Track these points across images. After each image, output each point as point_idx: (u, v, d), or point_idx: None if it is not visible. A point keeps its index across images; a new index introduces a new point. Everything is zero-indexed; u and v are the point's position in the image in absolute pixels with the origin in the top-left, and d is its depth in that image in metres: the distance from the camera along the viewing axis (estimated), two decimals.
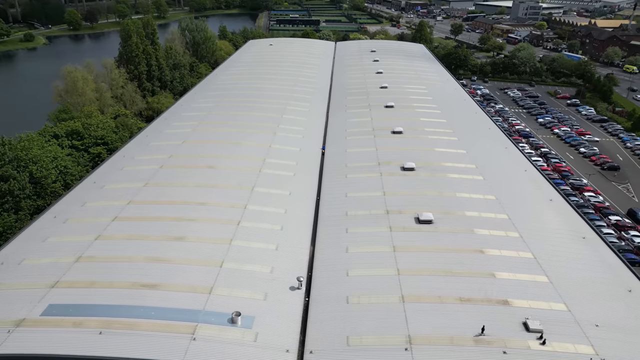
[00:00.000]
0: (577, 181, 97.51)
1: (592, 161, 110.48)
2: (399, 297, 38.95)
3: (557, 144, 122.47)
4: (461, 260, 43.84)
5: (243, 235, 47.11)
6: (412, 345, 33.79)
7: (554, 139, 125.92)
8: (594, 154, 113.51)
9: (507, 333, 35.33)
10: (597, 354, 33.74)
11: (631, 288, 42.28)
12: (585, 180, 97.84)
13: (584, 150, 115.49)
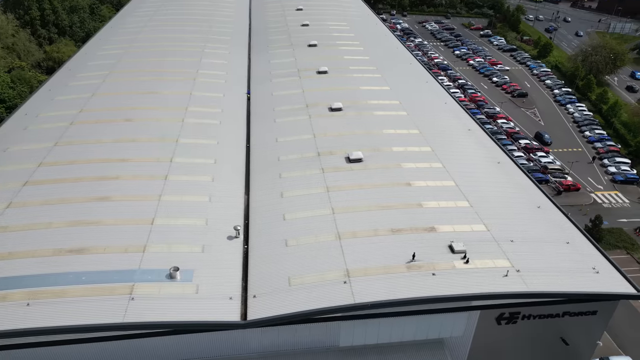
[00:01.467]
0: (491, 109, 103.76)
1: (503, 89, 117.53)
2: (335, 234, 40.29)
3: (472, 75, 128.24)
4: (391, 194, 45.83)
5: (172, 190, 45.52)
6: (351, 278, 35.53)
7: (470, 70, 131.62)
8: (505, 82, 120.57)
9: (435, 257, 38.16)
10: (513, 266, 37.63)
11: (540, 204, 46.93)
12: (498, 108, 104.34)
13: (496, 80, 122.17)
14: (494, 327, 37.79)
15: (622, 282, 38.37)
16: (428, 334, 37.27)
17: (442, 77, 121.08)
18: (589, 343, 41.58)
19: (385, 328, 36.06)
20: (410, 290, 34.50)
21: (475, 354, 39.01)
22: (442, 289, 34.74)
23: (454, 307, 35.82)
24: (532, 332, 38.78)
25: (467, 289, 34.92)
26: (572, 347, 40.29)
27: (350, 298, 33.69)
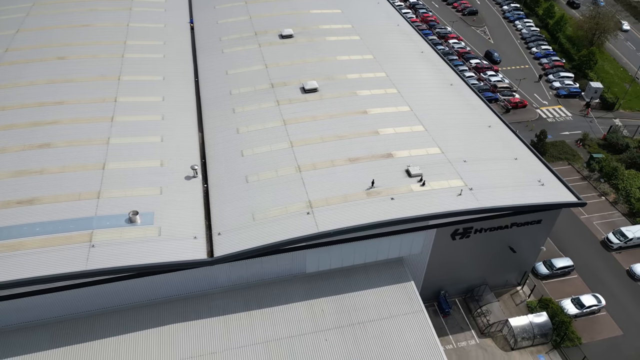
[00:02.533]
0: (443, 29, 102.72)
1: (454, 8, 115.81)
2: (295, 167, 40.31)
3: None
4: (347, 123, 45.74)
5: (121, 132, 43.38)
6: (313, 209, 36.18)
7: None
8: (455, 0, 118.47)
9: (393, 182, 39.23)
10: (466, 185, 39.39)
11: (490, 124, 48.43)
12: (450, 28, 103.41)
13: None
14: (449, 243, 40.24)
15: (565, 191, 41.19)
16: (389, 254, 39.24)
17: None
18: (534, 249, 45.36)
19: (349, 252, 37.60)
20: (371, 215, 35.67)
21: (432, 268, 41.75)
22: (400, 212, 36.11)
23: (413, 228, 37.57)
24: (483, 244, 41.64)
25: (424, 210, 36.48)
26: (519, 254, 43.84)
27: (314, 228, 34.52)
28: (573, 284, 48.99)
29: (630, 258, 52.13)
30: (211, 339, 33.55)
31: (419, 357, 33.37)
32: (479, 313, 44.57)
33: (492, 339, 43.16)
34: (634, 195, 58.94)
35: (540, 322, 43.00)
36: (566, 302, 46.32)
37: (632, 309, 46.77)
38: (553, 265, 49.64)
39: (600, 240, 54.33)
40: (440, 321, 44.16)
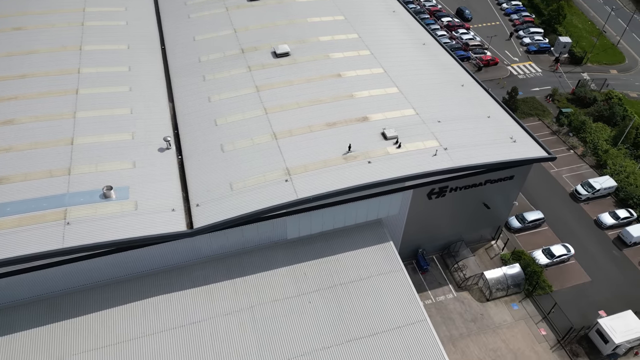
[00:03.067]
0: None
1: None
2: (271, 134, 39.91)
3: None
4: (322, 87, 45.22)
5: (87, 105, 41.86)
6: (292, 176, 36.14)
7: None
8: None
9: (370, 145, 39.37)
10: (441, 145, 39.86)
11: (463, 83, 48.66)
12: None
13: None
14: (425, 202, 41.05)
15: (536, 147, 42.19)
16: (367, 216, 39.83)
17: None
18: (507, 204, 46.78)
19: (329, 217, 38.00)
20: (349, 180, 35.89)
21: (410, 227, 42.71)
22: (377, 175, 36.43)
23: (390, 190, 38.06)
24: (458, 202, 42.66)
25: (400, 172, 36.88)
26: (493, 210, 45.17)
27: (293, 195, 34.58)
28: (544, 236, 51.00)
29: (597, 208, 54.38)
30: (196, 308, 33.88)
31: (399, 313, 34.56)
32: (456, 268, 46.18)
33: (469, 292, 44.96)
34: (600, 148, 60.87)
35: (514, 273, 44.89)
36: (537, 253, 48.31)
37: (599, 257, 49.20)
38: (525, 218, 51.41)
39: (569, 192, 56.33)
40: (419, 278, 45.63)
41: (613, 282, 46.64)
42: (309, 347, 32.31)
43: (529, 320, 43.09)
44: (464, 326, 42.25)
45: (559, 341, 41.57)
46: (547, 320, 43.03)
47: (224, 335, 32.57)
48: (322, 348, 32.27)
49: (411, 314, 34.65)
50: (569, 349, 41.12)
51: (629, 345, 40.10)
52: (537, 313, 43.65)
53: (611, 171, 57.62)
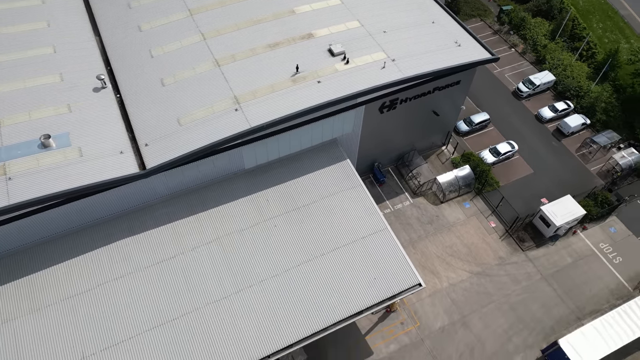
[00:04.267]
0: None
1: None
2: (213, 62, 37.88)
3: None
4: (260, 4, 42.57)
5: (3, 47, 37.69)
6: (241, 104, 35.01)
7: None
8: None
9: (317, 64, 38.32)
10: (388, 56, 39.41)
11: None
12: None
13: None
14: (378, 117, 41.39)
15: (480, 49, 42.54)
16: (323, 137, 39.88)
17: None
18: (455, 109, 48.00)
19: (284, 142, 37.72)
20: (300, 102, 35.26)
21: (365, 143, 43.37)
22: (328, 94, 35.93)
23: (342, 108, 37.86)
24: (409, 112, 43.27)
25: (351, 88, 36.50)
26: (442, 116, 46.29)
27: (245, 124, 33.77)
28: (490, 136, 53.34)
29: (538, 103, 56.88)
30: (163, 246, 33.92)
31: (361, 225, 36.13)
32: (411, 176, 48.05)
33: (424, 197, 47.31)
34: (540, 43, 62.24)
35: (464, 174, 47.30)
36: (485, 153, 50.77)
37: (540, 149, 52.37)
38: (472, 121, 53.20)
39: (511, 90, 58.24)
40: (377, 190, 47.30)
41: (553, 172, 50.26)
42: (280, 267, 33.60)
43: (479, 216, 46.36)
44: (422, 229, 44.98)
45: (506, 230, 45.30)
46: (496, 214, 46.43)
47: (195, 268, 33.14)
48: (293, 267, 33.66)
49: (372, 225, 36.31)
50: (515, 236, 45.00)
51: (567, 226, 44.30)
52: (487, 208, 46.90)
53: (550, 66, 59.55)
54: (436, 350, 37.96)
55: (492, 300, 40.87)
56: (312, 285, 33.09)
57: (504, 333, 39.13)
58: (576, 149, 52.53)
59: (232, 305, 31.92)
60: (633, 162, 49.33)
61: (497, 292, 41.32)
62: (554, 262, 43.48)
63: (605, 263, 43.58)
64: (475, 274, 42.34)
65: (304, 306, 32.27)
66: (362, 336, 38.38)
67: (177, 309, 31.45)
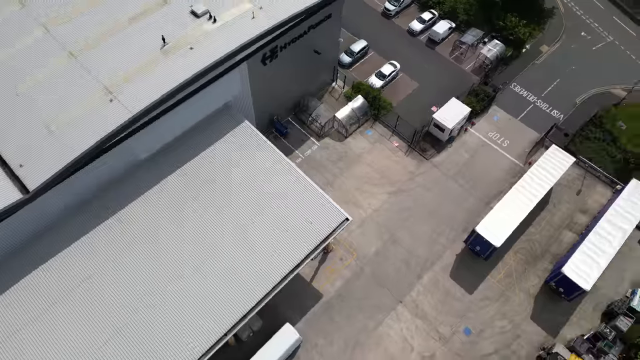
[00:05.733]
0: None
1: None
2: (67, 54, 33.80)
3: None
4: None
5: None
6: (114, 93, 31.98)
7: None
8: None
9: (184, 29, 35.87)
10: (255, 5, 37.85)
11: None
12: None
13: None
14: (262, 69, 40.36)
15: None
16: (214, 105, 38.21)
17: None
18: (334, 43, 48.31)
19: (175, 120, 35.46)
20: (178, 74, 33.05)
21: (258, 99, 42.44)
22: (205, 59, 34.02)
23: (224, 70, 36.27)
24: (292, 58, 42.71)
25: (226, 47, 34.86)
26: (324, 53, 46.43)
27: (125, 113, 31.15)
28: (373, 61, 54.79)
29: (407, 18, 58.97)
30: (78, 267, 31.37)
31: (277, 181, 36.12)
32: (311, 121, 48.39)
33: (329, 137, 48.20)
34: None
35: (359, 105, 48.62)
36: (372, 79, 52.31)
37: (419, 61, 55.02)
38: (353, 51, 54.06)
39: (381, 12, 59.62)
40: (284, 142, 47.20)
41: (435, 80, 53.43)
42: (213, 248, 32.85)
43: (382, 140, 48.50)
44: (335, 167, 46.19)
45: (409, 146, 48.07)
46: (396, 133, 48.84)
47: (122, 276, 31.30)
48: (226, 243, 33.10)
49: (288, 177, 36.46)
50: (418, 148, 47.99)
51: (459, 126, 48.06)
52: (387, 131, 49.09)
53: None
54: (376, 273, 40.48)
55: (412, 212, 43.93)
56: (249, 254, 32.98)
57: (429, 238, 42.61)
58: (449, 53, 56.00)
59: (173, 296, 30.99)
60: (498, 52, 53.91)
61: (415, 204, 44.43)
62: (455, 162, 47.38)
63: (496, 149, 48.39)
64: (392, 194, 44.92)
65: (248, 275, 32.27)
66: (307, 283, 39.64)
67: (112, 324, 29.86)
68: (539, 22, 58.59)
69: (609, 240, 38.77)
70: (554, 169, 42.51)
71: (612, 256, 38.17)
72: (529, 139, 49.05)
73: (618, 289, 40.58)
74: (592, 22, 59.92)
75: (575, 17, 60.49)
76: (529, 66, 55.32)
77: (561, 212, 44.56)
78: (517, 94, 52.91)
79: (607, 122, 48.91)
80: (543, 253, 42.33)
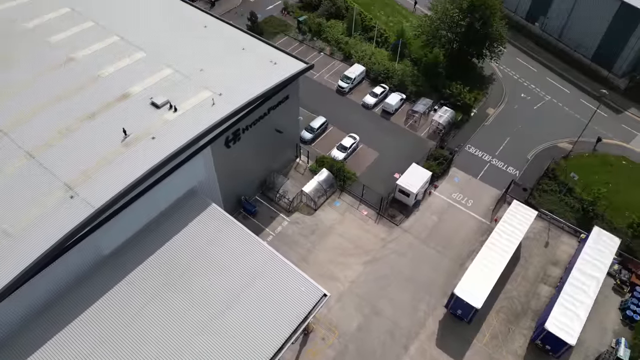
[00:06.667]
0: None
1: None
2: (25, 154, 33.09)
3: None
4: (60, 78, 38.77)
5: None
6: (75, 189, 31.17)
7: None
8: None
9: (145, 121, 36.24)
10: (214, 92, 39.06)
11: (205, 24, 47.41)
12: None
13: None
14: (226, 152, 40.81)
15: (295, 62, 44.89)
16: (179, 191, 37.77)
17: None
18: (294, 122, 49.88)
19: (139, 211, 34.58)
20: (141, 165, 32.79)
21: (224, 181, 42.39)
22: (167, 147, 34.13)
23: (188, 156, 36.38)
24: (255, 139, 43.58)
25: (188, 134, 35.24)
26: (286, 132, 47.69)
27: (87, 208, 30.17)
28: (333, 135, 56.54)
29: (360, 94, 62.06)
30: None
31: (251, 261, 35.16)
32: (279, 197, 48.43)
33: (299, 211, 48.15)
34: (341, 42, 68.15)
35: (324, 177, 49.36)
36: (334, 152, 53.68)
37: (377, 132, 57.26)
38: (313, 127, 55.81)
39: (335, 89, 62.64)
40: (253, 221, 46.65)
41: (394, 147, 55.39)
42: (186, 338, 30.79)
43: (351, 209, 48.86)
44: (307, 241, 45.69)
45: (378, 213, 48.56)
46: (364, 202, 49.43)
47: None
48: (199, 332, 31.16)
49: (260, 257, 35.60)
50: (386, 214, 48.52)
51: (422, 190, 49.29)
52: (355, 200, 49.66)
53: (357, 59, 65.57)
54: (361, 350, 38.83)
55: (389, 280, 43.36)
56: (225, 344, 31.03)
57: (410, 306, 41.79)
58: (404, 122, 58.73)
59: None
60: (449, 117, 57.03)
61: (392, 271, 44.01)
62: (425, 225, 47.98)
63: (462, 209, 49.57)
64: (367, 263, 44.48)
65: None
66: None
67: None
68: (481, 87, 63.11)
69: (584, 290, 39.19)
70: (519, 223, 43.62)
71: (590, 306, 38.34)
72: (491, 197, 50.69)
73: (602, 340, 40.38)
74: (529, 84, 65.10)
75: (513, 80, 65.64)
76: (479, 128, 58.63)
77: (534, 266, 45.17)
78: (473, 154, 55.44)
79: (560, 174, 51.51)
80: (524, 310, 42.13)
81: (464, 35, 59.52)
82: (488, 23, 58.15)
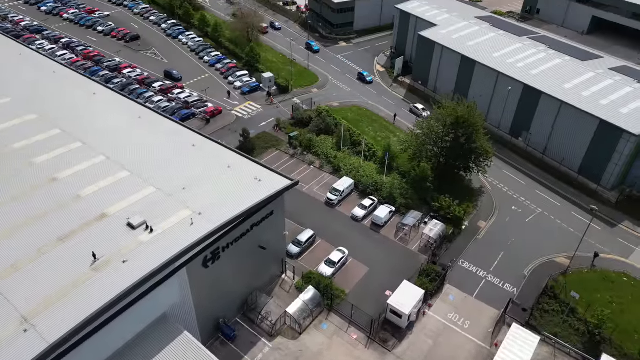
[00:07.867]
0: (112, 62, 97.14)
1: (114, 37, 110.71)
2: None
3: (74, 29, 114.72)
4: (39, 198, 38.18)
5: None
6: (31, 321, 28.67)
7: (69, 25, 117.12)
8: (112, 29, 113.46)
9: (118, 242, 34.86)
10: (194, 212, 38.24)
11: (193, 142, 48.30)
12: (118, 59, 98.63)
13: (101, 29, 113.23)
14: (204, 273, 38.73)
15: (280, 179, 44.80)
16: (149, 317, 35.03)
17: (41, 41, 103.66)
18: (279, 237, 48.46)
19: (102, 343, 31.58)
20: (106, 292, 30.63)
21: (200, 304, 39.68)
22: (138, 272, 32.26)
23: (161, 279, 34.32)
24: (236, 257, 41.79)
25: (162, 257, 33.61)
26: (270, 248, 46.01)
27: (41, 343, 27.40)
28: (321, 249, 54.82)
29: (349, 206, 61.62)
30: None
31: None
32: (261, 319, 45.16)
33: (282, 335, 44.55)
34: (330, 155, 69.60)
35: (310, 296, 46.60)
36: (322, 267, 51.48)
37: (366, 245, 55.62)
38: (300, 241, 54.29)
39: (324, 202, 62.31)
40: (231, 348, 42.88)
41: (384, 262, 53.32)
42: None
43: (340, 332, 45.31)
44: None
45: (369, 337, 44.93)
46: (353, 324, 46.03)
47: None
48: None
49: None
50: (378, 339, 44.85)
51: (416, 310, 46.21)
52: (344, 321, 46.31)
53: (346, 172, 66.34)
54: None
55: None
56: None
57: None
58: (394, 235, 57.36)
59: None
60: (440, 231, 55.81)
61: None
62: (420, 350, 44.11)
63: (458, 332, 46.00)
64: None
65: None
66: None
67: None
68: (471, 199, 62.89)
69: None
70: (521, 351, 40.01)
71: None
72: (489, 317, 47.39)
73: None
74: (519, 196, 65.00)
75: (502, 193, 65.68)
76: (471, 242, 57.09)
77: None
78: (467, 270, 53.19)
79: (560, 292, 48.73)
80: None
81: (450, 149, 60.85)
82: (471, 139, 59.76)
